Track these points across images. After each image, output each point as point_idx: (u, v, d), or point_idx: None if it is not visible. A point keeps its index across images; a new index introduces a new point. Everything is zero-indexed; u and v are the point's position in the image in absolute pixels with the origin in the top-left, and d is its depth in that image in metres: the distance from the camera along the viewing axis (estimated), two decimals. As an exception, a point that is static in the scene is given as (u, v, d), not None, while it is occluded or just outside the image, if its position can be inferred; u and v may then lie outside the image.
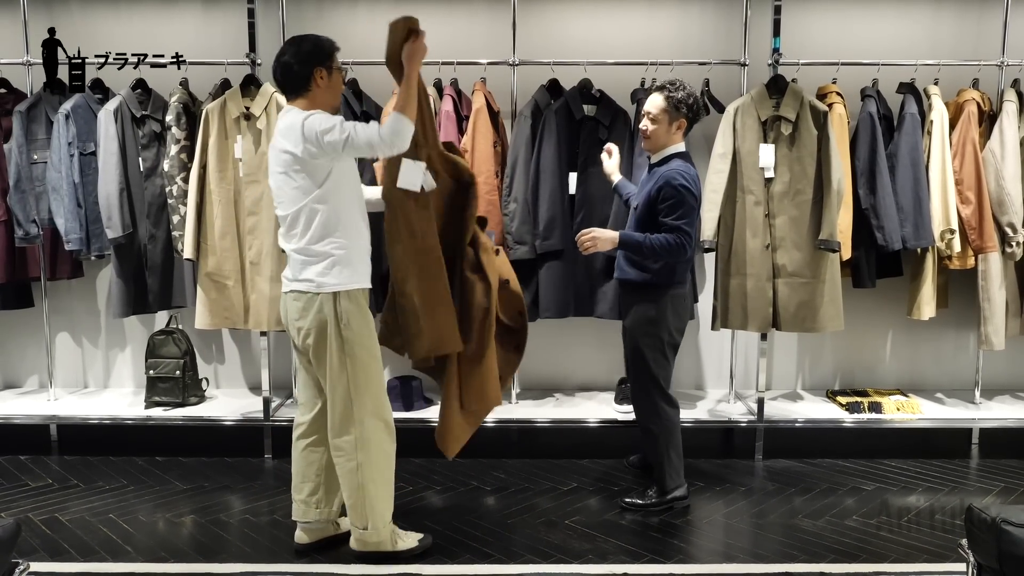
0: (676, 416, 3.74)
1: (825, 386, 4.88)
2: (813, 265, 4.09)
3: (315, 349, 3.09)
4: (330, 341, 3.06)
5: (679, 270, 3.61)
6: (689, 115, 3.57)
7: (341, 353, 3.06)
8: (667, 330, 3.63)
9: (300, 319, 3.09)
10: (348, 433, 3.12)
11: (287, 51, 3.07)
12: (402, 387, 4.45)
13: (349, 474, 3.16)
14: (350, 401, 3.09)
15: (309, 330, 3.07)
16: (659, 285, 3.60)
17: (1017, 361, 4.82)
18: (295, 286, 3.09)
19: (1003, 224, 4.24)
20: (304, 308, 3.07)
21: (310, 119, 2.94)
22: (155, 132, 4.34)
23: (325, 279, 3.03)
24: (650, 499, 3.73)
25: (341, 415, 3.11)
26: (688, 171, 3.51)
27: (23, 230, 4.32)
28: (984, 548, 2.37)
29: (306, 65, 3.03)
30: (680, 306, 3.65)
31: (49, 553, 3.33)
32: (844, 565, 3.24)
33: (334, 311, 3.04)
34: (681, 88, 3.56)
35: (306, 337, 3.09)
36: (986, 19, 4.61)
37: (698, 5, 4.69)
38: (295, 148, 2.96)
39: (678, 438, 3.74)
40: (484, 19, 4.63)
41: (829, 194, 4.02)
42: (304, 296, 3.07)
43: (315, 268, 3.04)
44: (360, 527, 3.20)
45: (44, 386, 4.77)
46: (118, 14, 4.70)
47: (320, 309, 3.04)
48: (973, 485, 4.06)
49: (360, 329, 3.08)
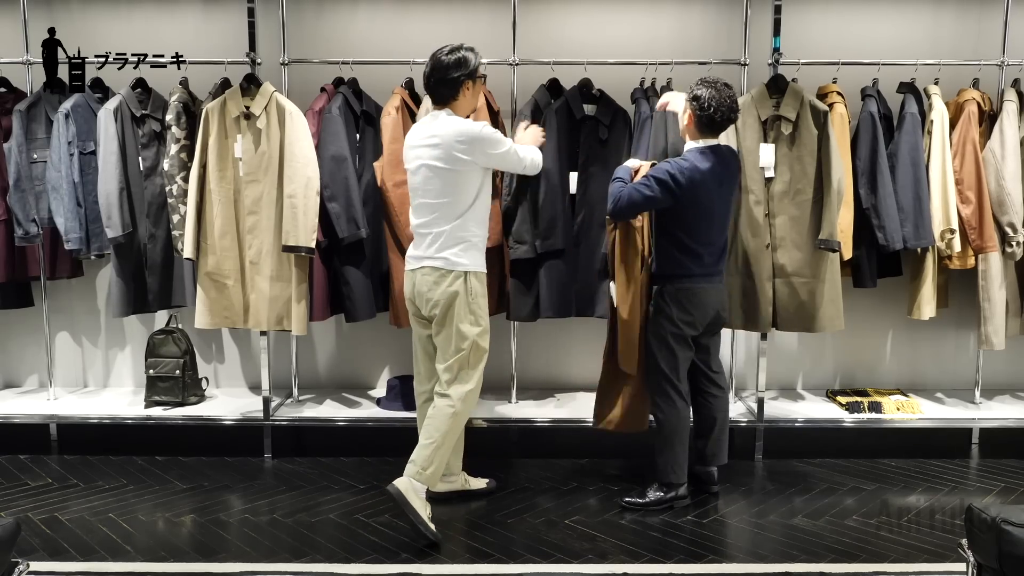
0: (685, 410, 3.74)
1: (825, 386, 4.88)
2: (813, 265, 4.09)
3: (441, 317, 3.51)
4: (456, 311, 3.48)
5: (691, 265, 3.64)
6: (693, 106, 3.61)
7: (463, 323, 3.48)
8: (671, 321, 3.66)
9: (431, 291, 3.50)
10: (462, 383, 3.53)
11: (442, 61, 3.48)
12: (402, 386, 4.45)
13: (445, 417, 3.49)
14: (467, 362, 3.52)
15: (438, 301, 3.48)
16: (663, 277, 3.68)
17: (1017, 361, 4.82)
18: (430, 263, 3.51)
19: (1003, 224, 4.24)
20: (436, 282, 3.49)
21: (486, 130, 3.49)
22: (155, 131, 4.34)
23: (460, 259, 3.49)
24: (650, 498, 3.74)
25: (457, 373, 3.52)
26: (689, 160, 3.59)
27: (23, 229, 4.32)
28: (984, 548, 2.37)
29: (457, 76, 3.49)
30: (687, 299, 3.66)
31: (49, 552, 3.33)
32: (844, 565, 3.24)
33: (465, 286, 3.48)
34: (701, 85, 3.62)
35: (434, 307, 3.50)
36: (986, 19, 4.61)
37: (698, 5, 4.69)
38: (466, 151, 3.44)
39: (684, 433, 3.74)
40: (484, 19, 4.63)
41: (829, 194, 4.02)
42: (437, 272, 3.48)
43: (452, 250, 3.48)
44: (422, 467, 3.45)
45: (44, 385, 4.78)
46: (118, 14, 4.70)
47: (452, 283, 3.47)
48: (973, 485, 4.06)
49: (483, 304, 3.58)
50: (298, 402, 4.69)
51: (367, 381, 4.96)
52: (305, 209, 4.08)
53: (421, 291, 3.53)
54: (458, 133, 3.44)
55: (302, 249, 4.09)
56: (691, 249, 3.64)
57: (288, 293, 4.19)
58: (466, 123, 3.48)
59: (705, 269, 3.68)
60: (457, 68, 3.45)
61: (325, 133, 4.20)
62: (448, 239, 3.48)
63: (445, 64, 3.45)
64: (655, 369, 3.73)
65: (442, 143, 3.45)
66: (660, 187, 3.54)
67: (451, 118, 3.49)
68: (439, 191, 3.48)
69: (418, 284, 3.54)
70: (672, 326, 3.67)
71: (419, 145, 3.52)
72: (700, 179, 3.57)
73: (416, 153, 3.53)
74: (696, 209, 3.60)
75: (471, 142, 3.43)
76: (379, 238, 4.32)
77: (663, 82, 4.35)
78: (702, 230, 3.64)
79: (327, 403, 4.65)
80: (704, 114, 3.60)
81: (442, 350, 3.55)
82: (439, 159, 3.45)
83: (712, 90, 3.59)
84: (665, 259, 3.68)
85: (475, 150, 3.44)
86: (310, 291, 4.26)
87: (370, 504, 3.79)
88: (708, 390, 3.86)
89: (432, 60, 3.49)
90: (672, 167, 3.57)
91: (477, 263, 3.55)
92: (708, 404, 3.86)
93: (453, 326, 3.49)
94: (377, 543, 3.42)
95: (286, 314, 4.21)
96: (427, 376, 3.71)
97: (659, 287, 3.71)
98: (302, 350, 4.88)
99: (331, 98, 4.26)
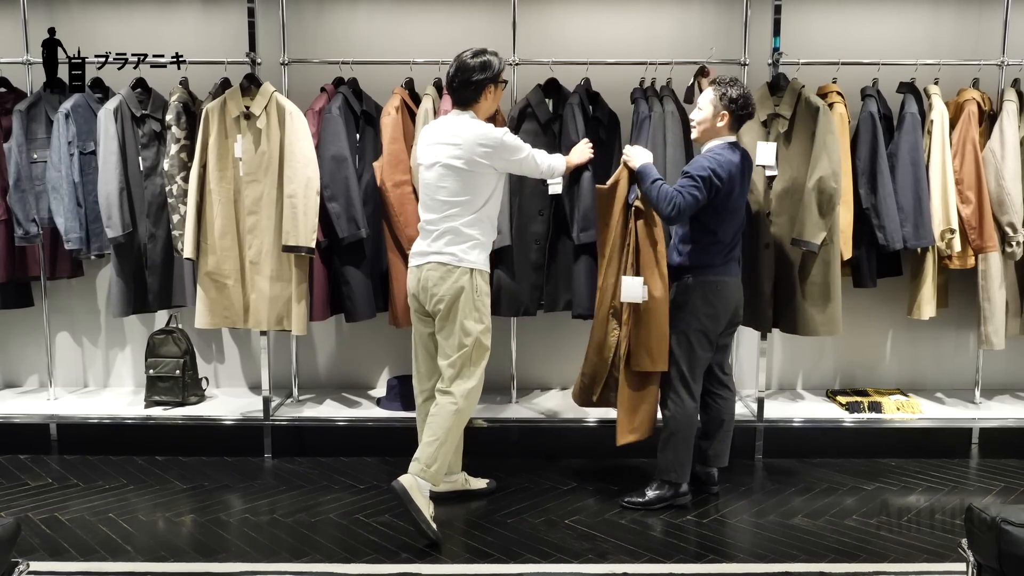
0: (695, 411, 3.71)
1: (825, 386, 4.89)
2: (810, 267, 4.07)
3: (445, 313, 3.52)
4: (461, 307, 3.49)
5: (715, 257, 3.63)
6: (732, 108, 3.60)
7: (467, 319, 3.50)
8: (694, 315, 3.65)
9: (436, 286, 3.51)
10: (464, 380, 3.54)
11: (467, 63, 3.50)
12: (402, 386, 4.45)
13: (448, 414, 3.51)
14: (469, 359, 3.54)
15: (444, 296, 3.50)
16: (690, 269, 3.66)
17: (1017, 361, 4.82)
18: (437, 258, 3.52)
19: (1003, 224, 4.24)
20: (442, 277, 3.50)
21: (508, 136, 3.53)
22: (155, 131, 4.34)
23: (468, 256, 3.52)
24: (649, 496, 3.74)
25: (460, 369, 3.54)
26: (723, 155, 3.57)
27: (23, 229, 4.32)
28: (984, 548, 2.37)
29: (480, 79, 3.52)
30: (712, 293, 3.65)
31: (49, 552, 3.33)
32: (844, 565, 3.24)
33: (471, 283, 3.51)
34: (731, 84, 3.62)
35: (439, 303, 3.51)
36: (986, 19, 4.61)
37: (698, 5, 4.69)
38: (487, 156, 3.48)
39: (691, 433, 3.72)
40: (484, 19, 4.63)
41: (806, 191, 3.94)
42: (444, 267, 3.51)
43: (461, 247, 3.51)
44: (426, 464, 3.46)
45: (44, 385, 4.78)
46: (118, 14, 4.70)
47: (458, 279, 3.49)
48: (973, 485, 4.06)
49: (487, 302, 3.60)
50: (298, 402, 4.69)
51: (367, 381, 4.96)
52: (305, 209, 4.08)
53: (426, 286, 3.54)
54: (480, 136, 3.47)
55: (302, 249, 4.10)
56: (719, 241, 3.63)
57: (288, 293, 4.19)
58: (489, 128, 3.51)
59: (728, 262, 3.68)
60: (481, 71, 3.49)
61: (325, 133, 4.20)
62: (457, 236, 3.51)
63: (470, 67, 3.48)
64: (672, 363, 3.69)
65: (463, 144, 3.47)
66: (708, 186, 3.51)
67: (474, 121, 3.52)
68: (454, 190, 3.50)
69: (423, 279, 3.55)
70: (695, 320, 3.64)
71: (438, 143, 3.54)
72: (735, 172, 3.58)
73: (434, 151, 3.54)
74: (729, 201, 3.59)
75: (493, 147, 3.48)
76: (379, 238, 4.31)
77: (663, 82, 4.35)
78: (732, 223, 3.64)
79: (327, 403, 4.65)
80: (744, 111, 3.63)
81: (445, 347, 3.56)
82: (458, 159, 3.47)
83: (736, 87, 3.61)
84: (692, 251, 3.66)
85: (496, 155, 3.49)
86: (310, 291, 4.26)
87: (370, 504, 3.79)
88: (718, 391, 3.85)
89: (457, 62, 3.51)
90: (711, 162, 3.54)
91: (483, 262, 3.58)
92: (716, 405, 3.86)
93: (457, 322, 3.50)
94: (377, 543, 3.42)
95: (286, 314, 4.21)
96: (427, 375, 3.71)
97: (682, 279, 3.69)
98: (302, 350, 4.88)
99: (331, 98, 4.26)
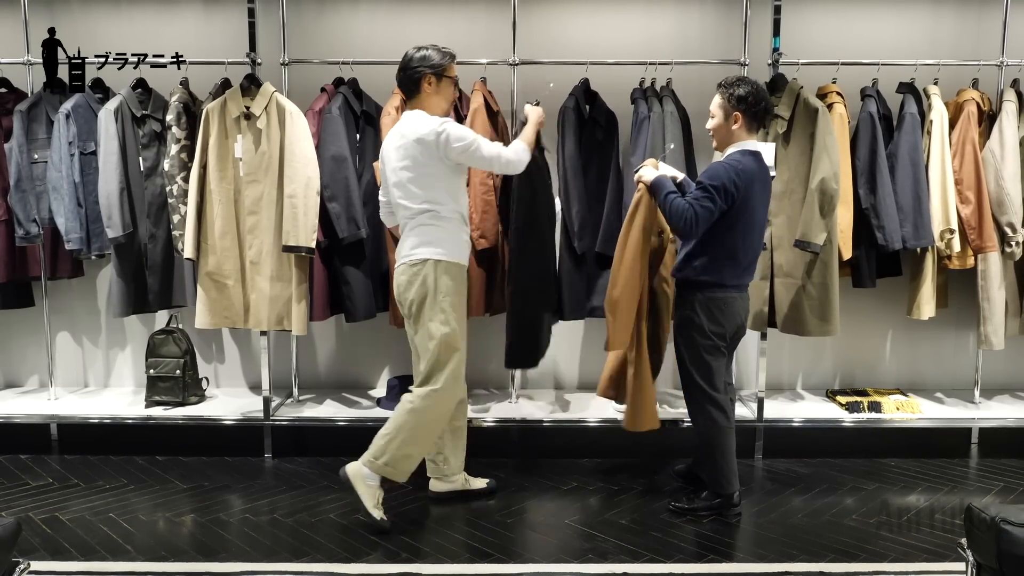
0: (724, 421, 3.61)
1: (825, 386, 4.89)
2: (808, 268, 4.07)
3: (414, 315, 3.53)
4: (426, 309, 3.49)
5: (725, 273, 3.52)
6: (743, 108, 3.47)
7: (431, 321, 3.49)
8: (702, 332, 3.56)
9: (405, 291, 3.52)
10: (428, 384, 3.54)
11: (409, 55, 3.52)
12: (402, 386, 4.44)
13: (402, 411, 3.54)
14: (436, 362, 3.52)
15: (412, 299, 3.51)
16: (698, 285, 3.55)
17: (1017, 361, 4.82)
18: (403, 261, 3.52)
19: (1003, 224, 4.24)
20: (409, 280, 3.51)
21: (447, 125, 3.42)
22: (155, 132, 4.34)
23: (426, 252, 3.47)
24: (697, 504, 3.67)
25: (427, 373, 3.55)
26: (740, 161, 3.44)
27: (23, 229, 4.32)
28: (984, 548, 2.37)
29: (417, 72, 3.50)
30: (718, 308, 3.54)
31: (49, 552, 3.33)
32: (844, 565, 3.24)
33: (434, 283, 3.48)
34: (739, 84, 3.51)
35: (409, 305, 3.53)
36: (986, 19, 4.61)
37: (698, 5, 4.69)
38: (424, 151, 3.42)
39: (724, 440, 3.62)
40: (484, 19, 4.63)
41: (808, 192, 3.96)
42: (410, 269, 3.50)
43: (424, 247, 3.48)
44: (373, 456, 3.53)
45: (44, 385, 4.78)
46: (118, 14, 4.70)
47: (423, 281, 3.48)
48: (973, 485, 4.06)
49: (456, 302, 3.53)
50: (298, 402, 4.69)
51: (367, 381, 4.96)
52: (305, 209, 4.08)
53: (398, 290, 3.57)
54: (418, 131, 3.44)
55: (302, 249, 4.10)
56: (737, 258, 3.50)
57: (288, 293, 4.20)
58: (426, 120, 3.46)
59: (738, 278, 3.56)
60: (420, 62, 3.50)
61: (325, 133, 4.21)
62: (420, 237, 3.49)
63: (411, 59, 3.52)
64: (691, 383, 3.62)
65: (405, 144, 3.47)
66: (723, 196, 3.38)
67: (415, 115, 3.49)
68: (410, 191, 3.49)
69: (396, 283, 3.58)
70: (703, 338, 3.56)
71: (391, 146, 3.54)
72: (752, 180, 3.44)
73: (388, 155, 3.55)
74: (745, 212, 3.45)
75: (431, 140, 3.42)
76: (379, 238, 4.32)
77: (663, 82, 4.35)
78: (751, 240, 3.52)
79: (327, 403, 4.66)
80: (758, 107, 3.49)
81: (418, 348, 3.58)
82: (404, 158, 3.47)
83: (744, 85, 3.50)
84: (704, 266, 3.52)
85: (436, 147, 3.42)
86: (310, 291, 4.26)
87: (370, 504, 3.80)
88: None
89: (403, 58, 3.55)
90: (726, 170, 3.41)
91: (447, 254, 3.51)
92: None
93: (423, 324, 3.51)
94: (377, 543, 3.42)
95: (286, 314, 4.22)
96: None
97: (687, 296, 3.59)
98: (302, 350, 4.88)
99: (331, 98, 4.27)
